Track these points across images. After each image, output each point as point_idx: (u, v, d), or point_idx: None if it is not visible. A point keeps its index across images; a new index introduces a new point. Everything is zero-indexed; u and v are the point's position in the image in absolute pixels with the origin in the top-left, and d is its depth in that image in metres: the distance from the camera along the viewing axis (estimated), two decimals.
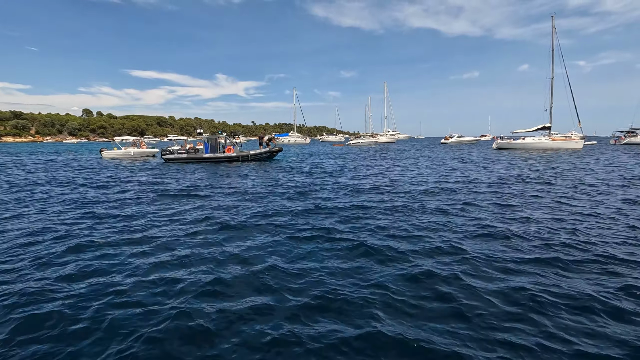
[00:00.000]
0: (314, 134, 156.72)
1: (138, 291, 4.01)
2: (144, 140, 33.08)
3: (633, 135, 46.96)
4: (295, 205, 8.84)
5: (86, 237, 6.18)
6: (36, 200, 10.08)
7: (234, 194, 10.64)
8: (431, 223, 6.95)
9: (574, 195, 9.89)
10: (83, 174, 17.48)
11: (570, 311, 3.53)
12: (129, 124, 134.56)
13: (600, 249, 5.31)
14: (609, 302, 3.66)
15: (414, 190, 11.16)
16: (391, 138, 73.42)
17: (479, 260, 4.85)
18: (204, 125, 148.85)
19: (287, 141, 69.66)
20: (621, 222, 6.92)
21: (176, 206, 8.95)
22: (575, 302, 3.69)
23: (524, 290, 3.91)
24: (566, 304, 3.64)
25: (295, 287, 4.09)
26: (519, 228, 6.49)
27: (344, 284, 4.15)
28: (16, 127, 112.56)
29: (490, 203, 8.93)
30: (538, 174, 15.21)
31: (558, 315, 3.47)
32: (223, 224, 6.91)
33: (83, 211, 8.39)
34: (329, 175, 15.97)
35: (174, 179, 14.88)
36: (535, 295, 3.78)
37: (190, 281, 4.24)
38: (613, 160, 22.46)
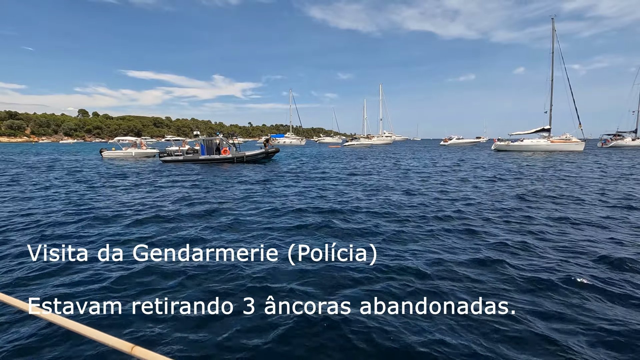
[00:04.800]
0: (310, 135, 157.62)
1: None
2: (144, 141, 33.66)
3: (619, 138, 48.40)
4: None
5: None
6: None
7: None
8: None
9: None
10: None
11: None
12: (125, 124, 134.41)
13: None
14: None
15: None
16: (387, 140, 74.29)
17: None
18: (200, 126, 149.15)
19: (282, 142, 70.26)
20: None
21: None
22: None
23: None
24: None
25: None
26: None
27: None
28: (11, 127, 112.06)
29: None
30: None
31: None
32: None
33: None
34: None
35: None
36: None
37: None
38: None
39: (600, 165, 21.10)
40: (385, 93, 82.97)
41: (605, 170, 17.96)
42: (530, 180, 13.96)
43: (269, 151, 25.94)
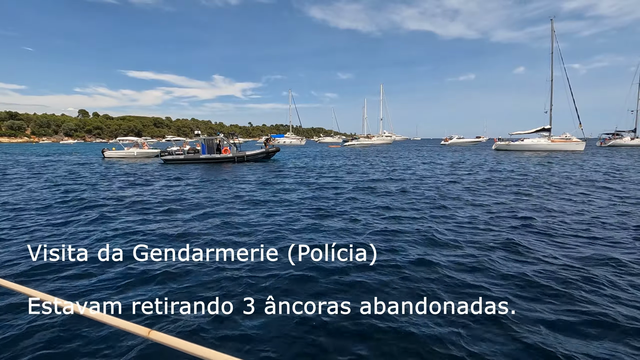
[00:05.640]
0: (310, 135, 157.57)
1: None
2: (145, 141, 33.85)
3: (618, 138, 48.49)
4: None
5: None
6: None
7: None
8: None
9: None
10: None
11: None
12: (125, 124, 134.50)
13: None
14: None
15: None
16: (387, 139, 74.16)
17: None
18: (200, 126, 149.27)
19: (282, 142, 70.19)
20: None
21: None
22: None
23: None
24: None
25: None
26: None
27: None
28: (12, 128, 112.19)
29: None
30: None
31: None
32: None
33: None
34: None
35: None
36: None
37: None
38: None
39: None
40: (385, 93, 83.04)
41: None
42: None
43: (270, 151, 26.15)
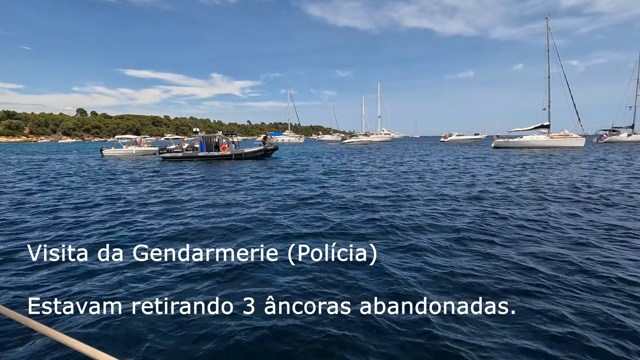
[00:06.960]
0: (309, 133, 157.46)
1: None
2: (144, 140, 34.04)
3: (615, 134, 48.83)
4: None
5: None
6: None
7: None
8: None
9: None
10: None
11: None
12: (123, 123, 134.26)
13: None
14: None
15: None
16: (386, 137, 74.34)
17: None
18: (199, 124, 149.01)
19: (281, 140, 70.24)
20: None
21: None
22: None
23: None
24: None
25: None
26: None
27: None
28: (10, 127, 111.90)
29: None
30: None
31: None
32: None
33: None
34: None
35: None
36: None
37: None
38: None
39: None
40: (383, 90, 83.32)
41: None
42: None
43: (268, 149, 26.11)
